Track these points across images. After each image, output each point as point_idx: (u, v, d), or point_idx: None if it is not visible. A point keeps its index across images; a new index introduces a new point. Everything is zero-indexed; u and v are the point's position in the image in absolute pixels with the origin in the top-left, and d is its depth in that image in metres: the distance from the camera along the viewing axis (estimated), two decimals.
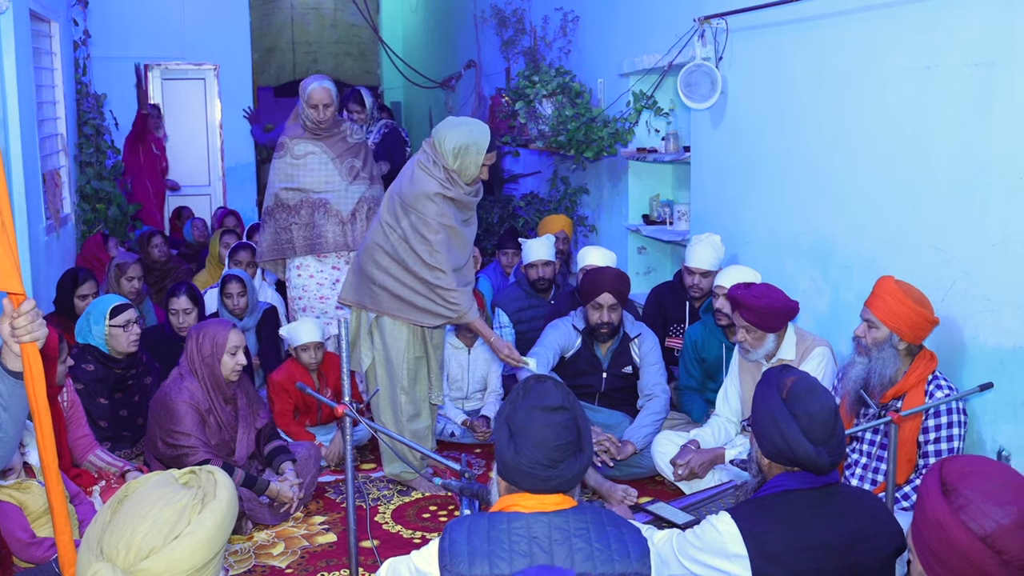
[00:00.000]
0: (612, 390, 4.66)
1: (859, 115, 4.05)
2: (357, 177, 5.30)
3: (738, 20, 4.84)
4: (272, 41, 14.88)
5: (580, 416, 2.13)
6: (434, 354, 4.46)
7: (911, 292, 3.35)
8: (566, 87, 6.63)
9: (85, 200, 8.27)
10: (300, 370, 4.89)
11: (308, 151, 5.26)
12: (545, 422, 2.06)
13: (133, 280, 5.77)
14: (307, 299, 5.34)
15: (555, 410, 2.08)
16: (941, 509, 1.72)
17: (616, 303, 4.52)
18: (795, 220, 4.56)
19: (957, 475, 1.76)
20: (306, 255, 5.28)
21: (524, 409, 2.09)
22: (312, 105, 5.21)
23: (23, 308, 2.12)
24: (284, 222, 5.26)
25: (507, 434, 2.10)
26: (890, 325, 3.32)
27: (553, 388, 2.13)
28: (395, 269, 4.19)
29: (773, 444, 2.33)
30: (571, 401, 2.13)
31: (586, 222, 7.13)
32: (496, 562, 1.97)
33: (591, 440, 2.16)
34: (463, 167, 4.13)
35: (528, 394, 2.12)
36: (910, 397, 3.26)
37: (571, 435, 2.08)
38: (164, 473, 1.91)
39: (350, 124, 5.49)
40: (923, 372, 3.34)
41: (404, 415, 4.35)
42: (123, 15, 9.72)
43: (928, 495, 1.76)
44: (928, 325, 3.34)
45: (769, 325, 3.96)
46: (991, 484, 1.73)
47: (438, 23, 11.74)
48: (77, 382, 4.21)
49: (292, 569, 3.72)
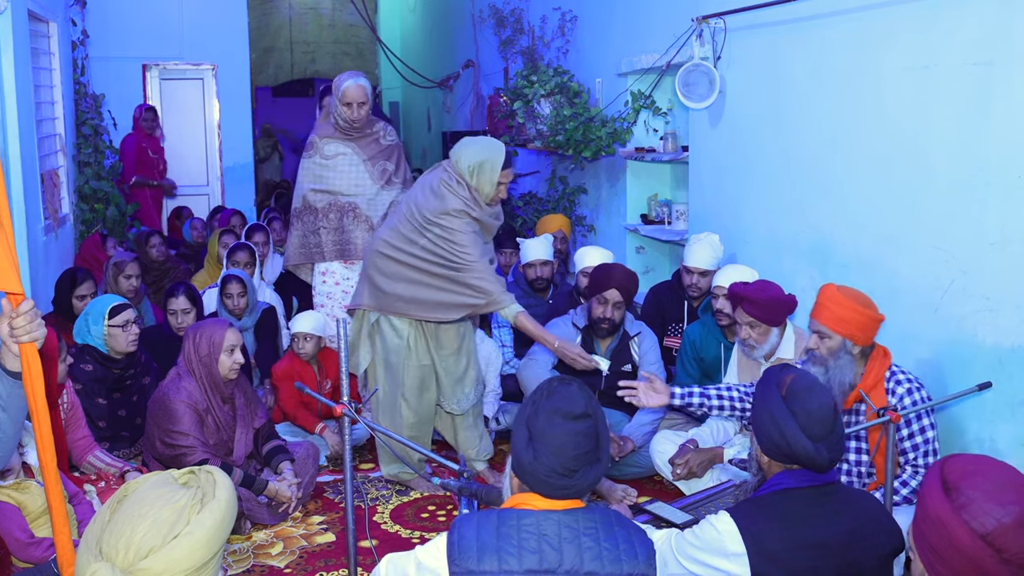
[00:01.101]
0: (612, 388, 4.65)
1: (857, 114, 4.05)
2: (389, 181, 5.09)
3: (736, 20, 4.84)
4: (270, 41, 14.88)
5: (601, 423, 2.10)
6: (441, 362, 4.34)
7: (855, 296, 3.33)
8: (564, 87, 6.64)
9: (83, 200, 8.27)
10: (300, 361, 4.94)
11: (339, 152, 5.06)
12: (566, 430, 2.03)
13: (131, 279, 5.77)
14: (331, 307, 5.21)
15: (577, 418, 2.05)
16: (942, 507, 1.72)
17: (621, 301, 4.53)
18: (794, 219, 4.56)
19: (959, 473, 1.76)
20: (334, 260, 5.13)
21: (546, 413, 2.06)
22: (346, 103, 4.96)
23: (21, 308, 2.12)
24: (312, 225, 5.10)
25: (526, 437, 2.07)
26: (841, 332, 3.31)
27: (578, 392, 2.10)
28: (410, 273, 4.12)
29: (772, 441, 2.33)
30: (594, 407, 2.10)
31: (584, 222, 7.13)
32: (505, 558, 1.97)
33: (608, 448, 2.14)
34: (480, 184, 4.09)
35: (552, 396, 2.09)
36: (872, 397, 3.26)
37: (590, 444, 2.05)
38: (163, 473, 1.91)
39: (384, 125, 5.25)
40: (879, 371, 3.35)
41: (404, 422, 4.31)
42: (121, 15, 9.73)
43: (930, 493, 1.76)
44: (876, 324, 3.33)
45: (773, 318, 3.96)
46: (993, 483, 1.73)
47: (436, 23, 11.74)
48: (75, 382, 4.21)
49: (291, 569, 3.72)
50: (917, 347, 3.78)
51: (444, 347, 4.33)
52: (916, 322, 3.77)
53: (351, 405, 2.96)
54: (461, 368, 4.39)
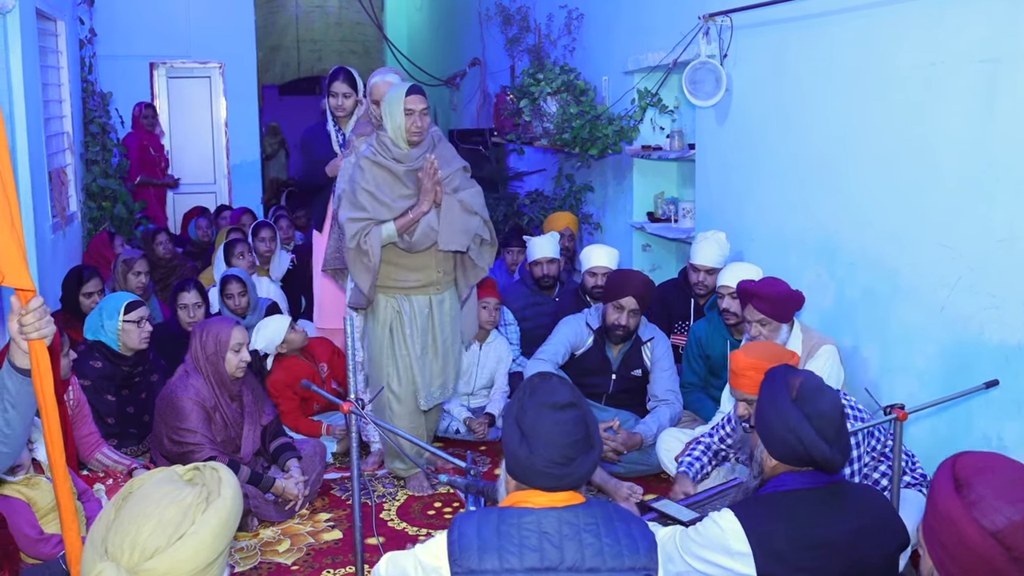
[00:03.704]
0: (620, 392, 4.66)
1: (864, 112, 4.04)
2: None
3: (743, 17, 4.83)
4: (277, 39, 14.90)
5: (588, 412, 2.13)
6: (419, 357, 4.26)
7: (762, 354, 3.23)
8: (571, 85, 6.63)
9: (91, 198, 8.28)
10: (294, 362, 4.97)
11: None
12: (555, 420, 2.06)
13: (140, 275, 5.79)
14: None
15: (564, 408, 2.08)
16: (953, 504, 1.72)
17: (637, 308, 4.52)
18: (800, 217, 4.56)
19: (970, 470, 1.75)
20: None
21: (533, 408, 2.09)
22: (374, 100, 4.82)
23: (31, 305, 2.13)
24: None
25: (519, 434, 2.09)
26: None
27: (559, 385, 2.13)
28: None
29: (788, 446, 2.31)
30: (577, 397, 2.13)
31: (591, 220, 7.13)
32: (506, 556, 1.97)
33: (600, 436, 2.16)
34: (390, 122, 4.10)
35: (535, 392, 2.12)
36: None
37: (581, 432, 2.08)
38: (168, 470, 1.90)
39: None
40: None
41: (394, 415, 4.30)
42: (129, 14, 9.76)
43: (940, 490, 1.76)
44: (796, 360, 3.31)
45: (783, 314, 3.95)
46: (1004, 480, 1.72)
47: (443, 21, 11.73)
48: (84, 378, 4.22)
49: (298, 566, 3.73)
50: (923, 345, 3.77)
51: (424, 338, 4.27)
52: (922, 320, 3.76)
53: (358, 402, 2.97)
54: (438, 367, 4.34)
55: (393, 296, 4.23)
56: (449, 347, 4.36)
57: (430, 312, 4.27)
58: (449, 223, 4.12)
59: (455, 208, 4.14)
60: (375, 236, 4.08)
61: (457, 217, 4.14)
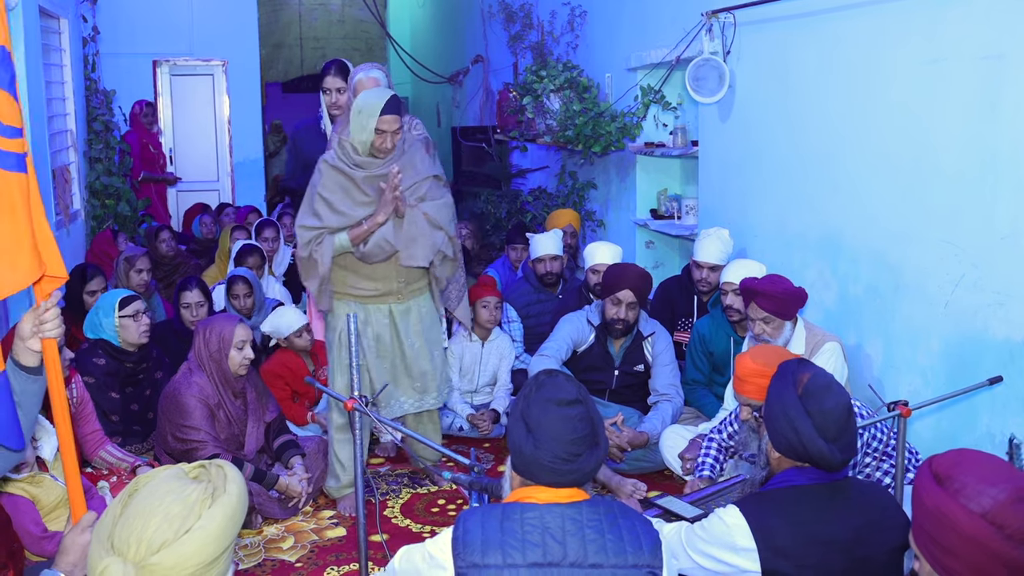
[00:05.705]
0: (623, 387, 4.66)
1: (867, 108, 4.04)
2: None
3: (746, 14, 4.83)
4: (280, 37, 14.91)
5: (593, 409, 2.13)
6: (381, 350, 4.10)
7: (768, 358, 3.17)
8: (574, 82, 6.63)
9: (94, 196, 8.30)
10: (291, 357, 4.99)
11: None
12: (562, 416, 2.06)
13: (142, 272, 5.80)
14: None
15: (570, 404, 2.08)
16: (939, 496, 1.75)
17: (635, 301, 4.51)
18: (803, 214, 4.55)
19: (948, 464, 1.80)
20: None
21: (539, 403, 2.09)
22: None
23: (50, 302, 2.15)
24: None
25: (524, 429, 2.09)
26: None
27: (565, 381, 2.14)
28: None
29: (786, 440, 2.33)
30: (583, 394, 2.13)
31: (594, 217, 7.13)
32: (509, 551, 1.97)
33: (605, 434, 2.17)
34: (354, 130, 3.91)
35: (541, 388, 2.12)
36: None
37: (587, 428, 2.08)
38: (174, 467, 1.91)
39: (409, 118, 4.97)
40: None
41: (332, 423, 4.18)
42: (132, 11, 9.77)
43: (924, 489, 1.80)
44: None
45: (787, 311, 3.94)
46: (982, 467, 1.78)
47: (445, 18, 11.73)
48: (88, 376, 4.23)
49: (302, 563, 3.74)
50: (927, 341, 3.77)
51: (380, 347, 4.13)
52: (926, 316, 3.76)
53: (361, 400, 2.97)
54: (407, 377, 4.19)
55: (348, 304, 4.08)
56: (422, 356, 4.17)
57: (391, 322, 4.10)
58: (411, 238, 3.95)
59: (419, 221, 3.96)
60: (327, 246, 3.94)
61: (420, 231, 3.96)
